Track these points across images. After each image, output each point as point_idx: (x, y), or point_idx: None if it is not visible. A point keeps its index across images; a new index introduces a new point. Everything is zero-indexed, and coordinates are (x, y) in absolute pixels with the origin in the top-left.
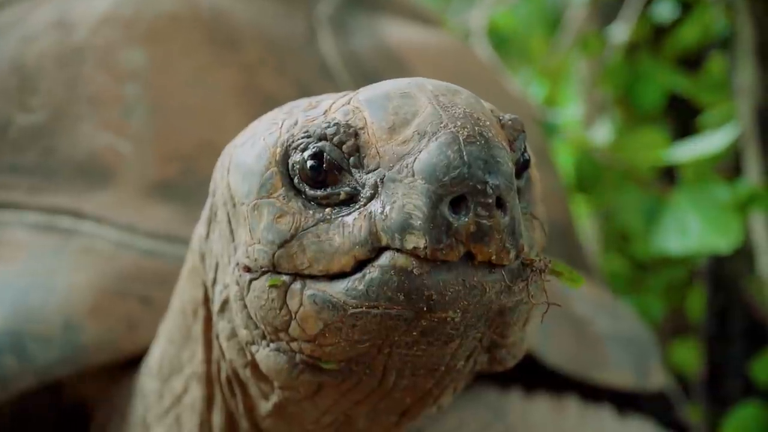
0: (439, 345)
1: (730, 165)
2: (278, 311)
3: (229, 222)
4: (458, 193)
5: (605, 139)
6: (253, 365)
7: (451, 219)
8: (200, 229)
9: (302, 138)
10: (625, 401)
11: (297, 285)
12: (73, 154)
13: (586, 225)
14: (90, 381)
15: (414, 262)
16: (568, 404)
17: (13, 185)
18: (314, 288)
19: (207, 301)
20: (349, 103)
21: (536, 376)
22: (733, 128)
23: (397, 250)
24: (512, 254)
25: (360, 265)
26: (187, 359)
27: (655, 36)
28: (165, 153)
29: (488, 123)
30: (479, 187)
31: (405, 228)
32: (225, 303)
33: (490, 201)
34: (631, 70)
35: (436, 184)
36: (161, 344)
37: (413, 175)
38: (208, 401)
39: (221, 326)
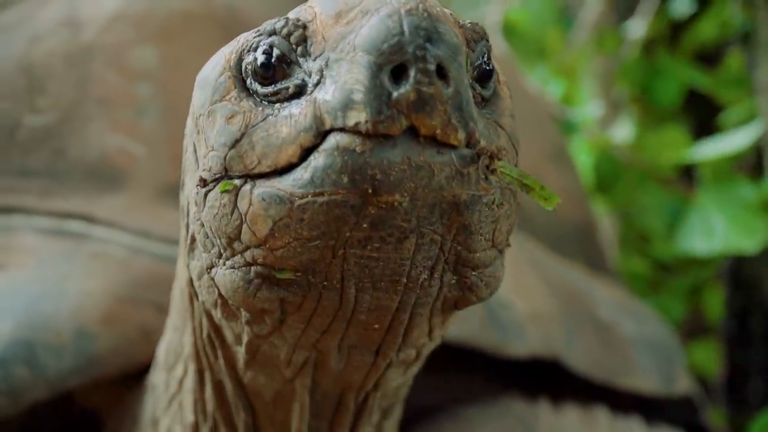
0: (393, 243)
1: (750, 163)
2: (230, 217)
3: (195, 150)
4: (398, 61)
5: (625, 138)
6: (222, 301)
7: (391, 88)
8: (180, 179)
9: (254, 38)
10: (650, 405)
11: (247, 186)
12: (84, 156)
13: (605, 225)
14: (102, 389)
15: (357, 140)
16: (597, 415)
17: (22, 189)
18: (263, 186)
19: None
20: (303, 5)
21: (562, 383)
22: (756, 126)
23: (341, 130)
24: (461, 134)
25: (306, 154)
26: (186, 341)
27: (673, 32)
28: (179, 155)
29: (437, 8)
30: (419, 53)
31: (347, 104)
32: (193, 240)
33: (431, 68)
34: (649, 67)
35: (375, 53)
36: (167, 335)
37: (354, 50)
38: (200, 375)
39: (192, 266)
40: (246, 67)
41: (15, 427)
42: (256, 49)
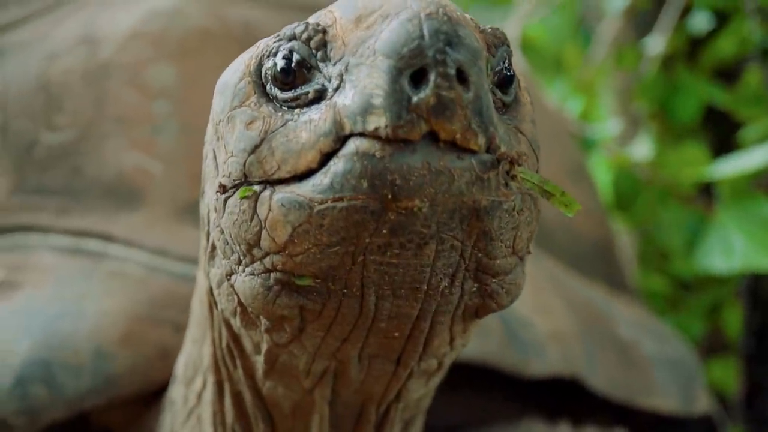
0: (412, 250)
1: (766, 181)
2: (249, 223)
3: (215, 157)
4: (418, 65)
5: (644, 155)
6: (241, 309)
7: (411, 93)
8: (201, 187)
9: (274, 43)
10: (670, 424)
11: (267, 192)
12: (101, 174)
13: (625, 243)
14: (119, 407)
15: (377, 145)
16: None
17: (40, 207)
18: (283, 191)
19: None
20: (323, 9)
21: (581, 401)
22: None
23: (361, 135)
24: (481, 139)
25: (326, 159)
26: (205, 353)
27: (692, 48)
28: (196, 173)
29: (458, 12)
30: (438, 57)
31: (366, 108)
32: (213, 248)
33: (451, 72)
34: (668, 83)
35: (395, 57)
36: (186, 349)
37: (374, 54)
38: (219, 387)
39: (212, 274)
40: (266, 73)
41: None
42: (275, 54)
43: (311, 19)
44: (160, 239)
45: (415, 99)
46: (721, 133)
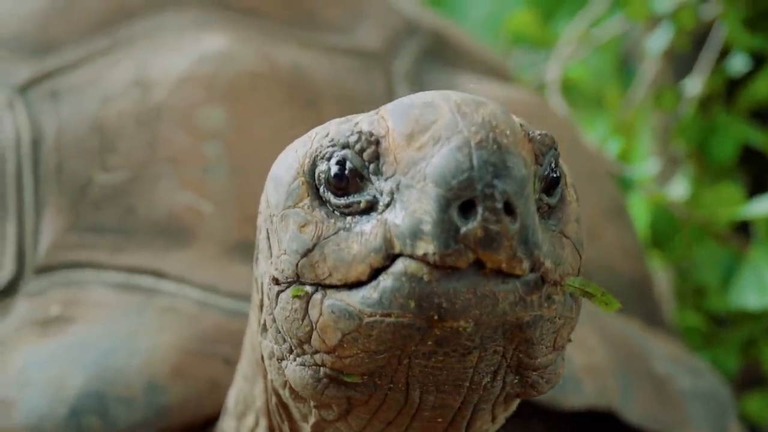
0: (456, 357)
1: None
2: (301, 322)
3: (268, 237)
4: (467, 197)
5: (681, 194)
6: (290, 385)
7: (459, 223)
8: (255, 253)
9: (328, 147)
10: None
11: (318, 295)
12: (153, 213)
13: (662, 280)
14: None
15: (425, 269)
16: None
17: (94, 245)
18: (333, 297)
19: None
20: (377, 113)
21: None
22: None
23: (410, 257)
24: (525, 264)
25: (376, 274)
26: (257, 393)
27: (729, 89)
28: (245, 213)
29: (508, 132)
30: (487, 191)
31: (415, 233)
32: (265, 327)
33: (498, 206)
34: (705, 124)
35: (444, 187)
36: (237, 383)
37: (425, 179)
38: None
39: (264, 345)
40: (319, 175)
41: None
42: (329, 159)
43: (364, 125)
44: (210, 276)
45: (463, 230)
46: (758, 172)
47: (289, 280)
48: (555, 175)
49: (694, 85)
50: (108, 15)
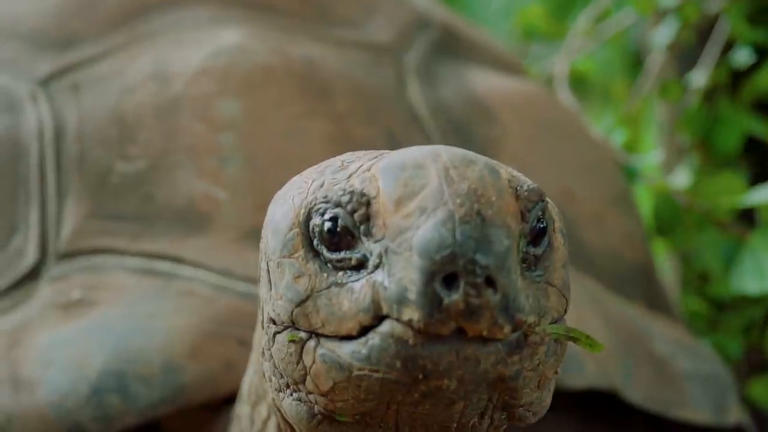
0: (442, 406)
1: None
2: (296, 365)
3: (268, 272)
4: (449, 270)
5: (684, 183)
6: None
7: (442, 295)
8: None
9: (321, 203)
10: None
11: (312, 342)
12: (172, 201)
13: (667, 267)
14: (188, 416)
15: (410, 333)
16: None
17: (114, 231)
18: (326, 347)
19: None
20: (369, 170)
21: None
22: None
23: (396, 320)
24: (507, 329)
25: (365, 330)
26: (267, 389)
27: (733, 81)
28: (259, 201)
29: (493, 199)
30: (468, 267)
31: (401, 300)
32: (263, 355)
33: (479, 281)
34: (710, 115)
35: (428, 261)
36: (249, 374)
37: (410, 250)
38: (280, 429)
39: (265, 367)
40: (313, 228)
41: None
42: (323, 215)
43: (357, 184)
44: (225, 261)
45: (446, 301)
46: (761, 162)
47: (285, 324)
48: (542, 226)
49: (699, 77)
50: (127, 10)
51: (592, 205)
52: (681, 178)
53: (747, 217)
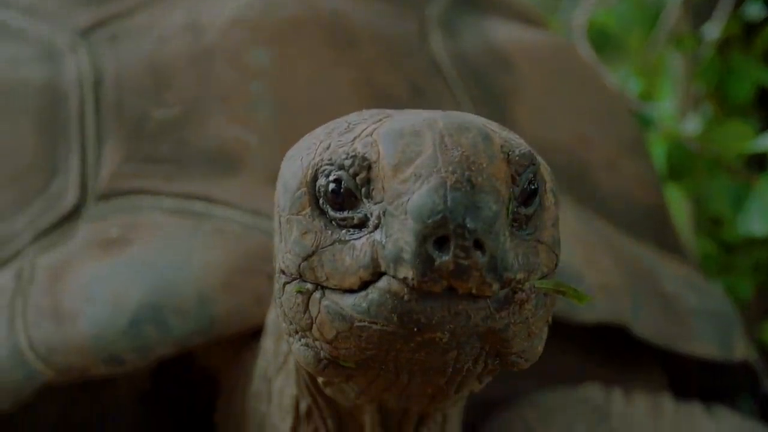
0: (437, 354)
1: None
2: (303, 314)
3: (279, 225)
4: (441, 234)
5: (696, 130)
6: None
7: (434, 256)
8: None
9: (327, 165)
10: (712, 370)
11: (317, 294)
12: (204, 145)
13: (679, 211)
14: (220, 350)
15: (405, 289)
16: (663, 403)
17: (150, 174)
18: (330, 299)
19: None
20: (371, 135)
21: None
22: None
23: (393, 277)
24: (495, 286)
25: (365, 284)
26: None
27: (746, 34)
28: (287, 145)
29: (484, 165)
30: (458, 231)
31: (397, 260)
32: (274, 297)
33: (468, 243)
34: (723, 66)
35: (421, 225)
36: (272, 309)
37: (406, 214)
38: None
39: (278, 312)
40: (319, 188)
41: (144, 380)
42: (328, 176)
43: (360, 148)
44: (255, 201)
45: (437, 262)
46: None
47: (293, 276)
48: (533, 188)
49: (713, 30)
50: None
51: (606, 150)
52: (693, 126)
53: (756, 163)
